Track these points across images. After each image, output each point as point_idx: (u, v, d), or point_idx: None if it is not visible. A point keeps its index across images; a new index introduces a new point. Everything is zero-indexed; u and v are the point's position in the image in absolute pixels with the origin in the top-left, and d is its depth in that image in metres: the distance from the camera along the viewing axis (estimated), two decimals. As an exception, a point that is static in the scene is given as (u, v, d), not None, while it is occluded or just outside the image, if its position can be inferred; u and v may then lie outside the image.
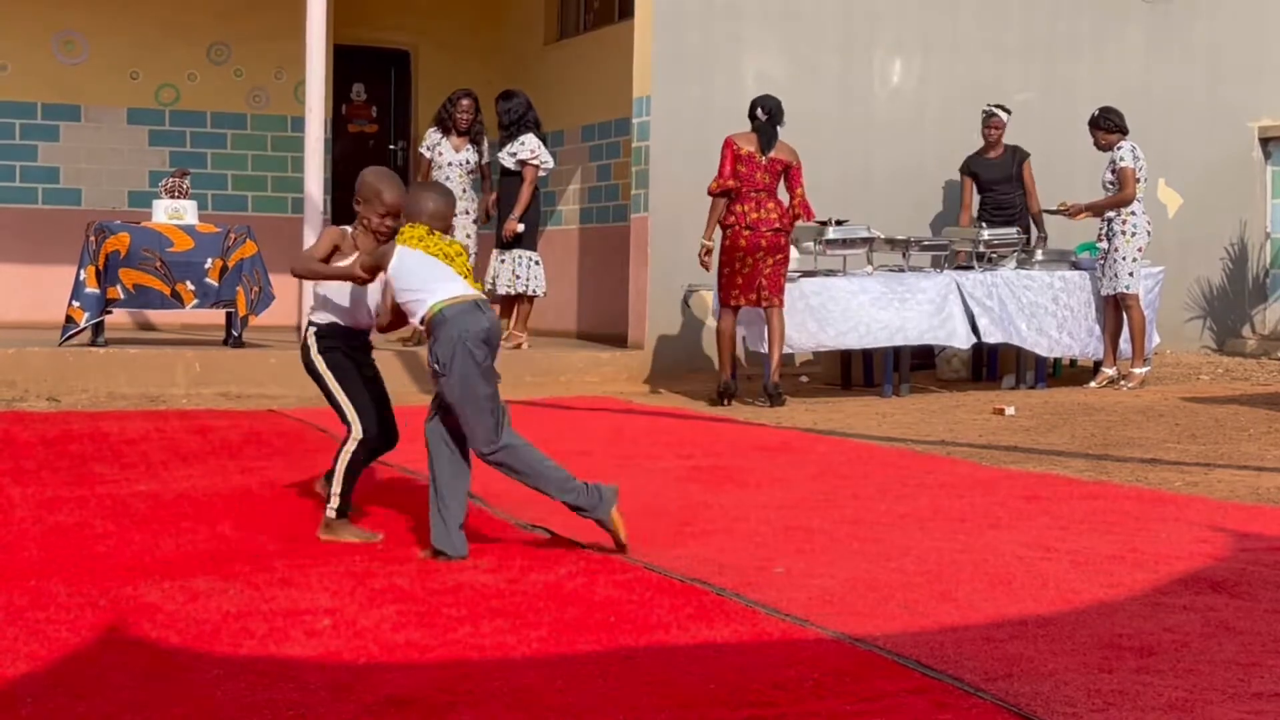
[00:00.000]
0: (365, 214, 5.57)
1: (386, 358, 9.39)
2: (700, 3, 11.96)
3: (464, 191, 11.72)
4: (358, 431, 5.54)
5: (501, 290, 11.70)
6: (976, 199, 12.07)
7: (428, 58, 15.40)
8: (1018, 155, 12.00)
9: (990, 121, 11.92)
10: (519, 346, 11.71)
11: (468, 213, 11.75)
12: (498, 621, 4.29)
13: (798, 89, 12.21)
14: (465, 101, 11.73)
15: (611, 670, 3.80)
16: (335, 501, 5.54)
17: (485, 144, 11.93)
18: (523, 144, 11.64)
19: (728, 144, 10.11)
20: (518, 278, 11.66)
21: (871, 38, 12.49)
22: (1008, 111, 11.96)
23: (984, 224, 11.62)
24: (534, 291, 11.77)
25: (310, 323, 5.70)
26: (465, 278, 5.31)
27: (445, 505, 5.23)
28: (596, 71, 13.52)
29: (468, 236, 11.73)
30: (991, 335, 10.76)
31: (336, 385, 5.59)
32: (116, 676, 3.74)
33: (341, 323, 5.63)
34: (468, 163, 11.74)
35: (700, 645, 4.04)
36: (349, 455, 5.54)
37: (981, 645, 4.02)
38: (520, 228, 11.60)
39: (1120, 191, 10.86)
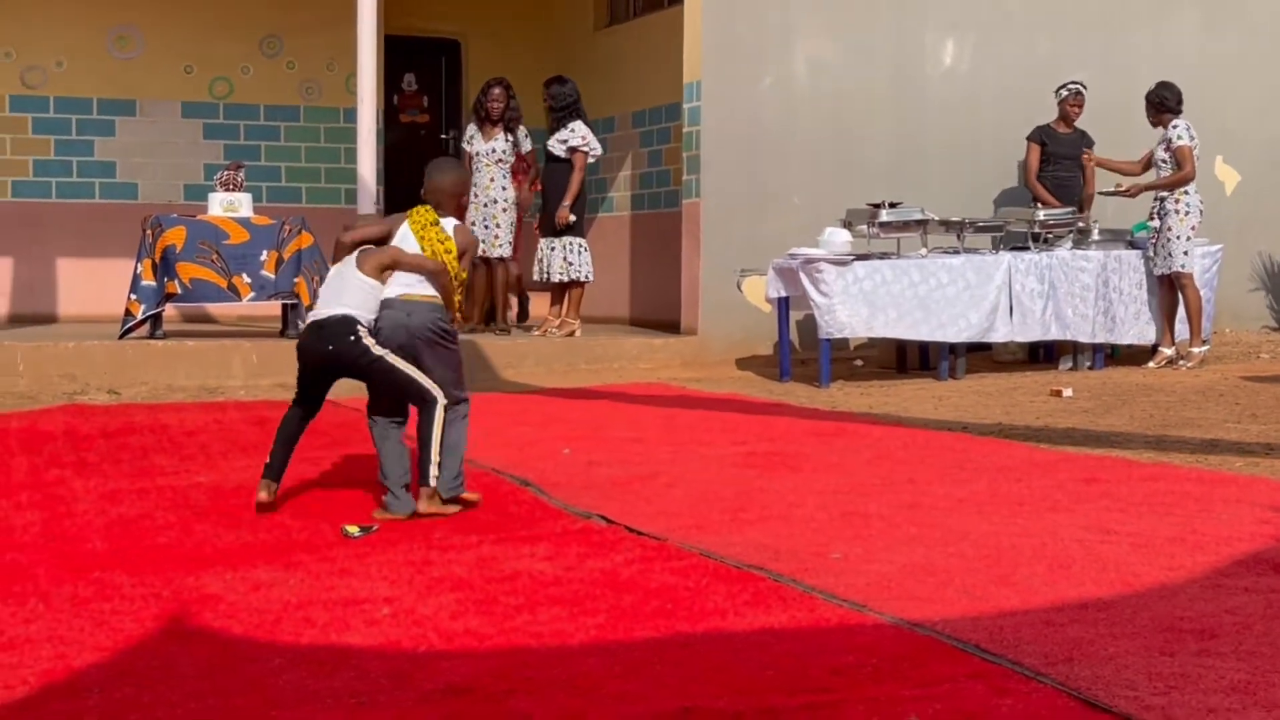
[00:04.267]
0: None
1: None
2: (750, -14, 11.93)
3: (491, 180, 11.74)
4: (442, 398, 5.81)
5: (555, 277, 11.72)
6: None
7: (478, 46, 15.42)
8: (1085, 139, 11.92)
9: (1074, 99, 11.80)
10: (572, 334, 11.73)
11: (496, 202, 11.75)
12: (555, 609, 4.30)
13: (849, 71, 12.16)
14: (496, 90, 11.78)
15: (668, 657, 3.81)
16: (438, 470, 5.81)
17: (521, 132, 11.93)
18: (573, 131, 11.64)
19: None
20: (569, 264, 11.68)
21: (923, 18, 12.41)
22: (1085, 88, 11.85)
23: (1036, 205, 11.54)
24: (586, 278, 11.79)
25: (359, 321, 5.86)
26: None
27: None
28: (647, 57, 13.50)
29: (498, 225, 11.74)
30: (1024, 333, 10.74)
31: (407, 366, 5.86)
32: (180, 666, 3.79)
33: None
34: (494, 151, 11.76)
35: (757, 631, 4.04)
36: (441, 421, 5.78)
37: (1041, 629, 4.00)
38: (572, 217, 11.60)
39: (1180, 170, 10.76)
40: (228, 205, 11.06)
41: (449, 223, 6.09)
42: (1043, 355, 11.63)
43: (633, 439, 7.86)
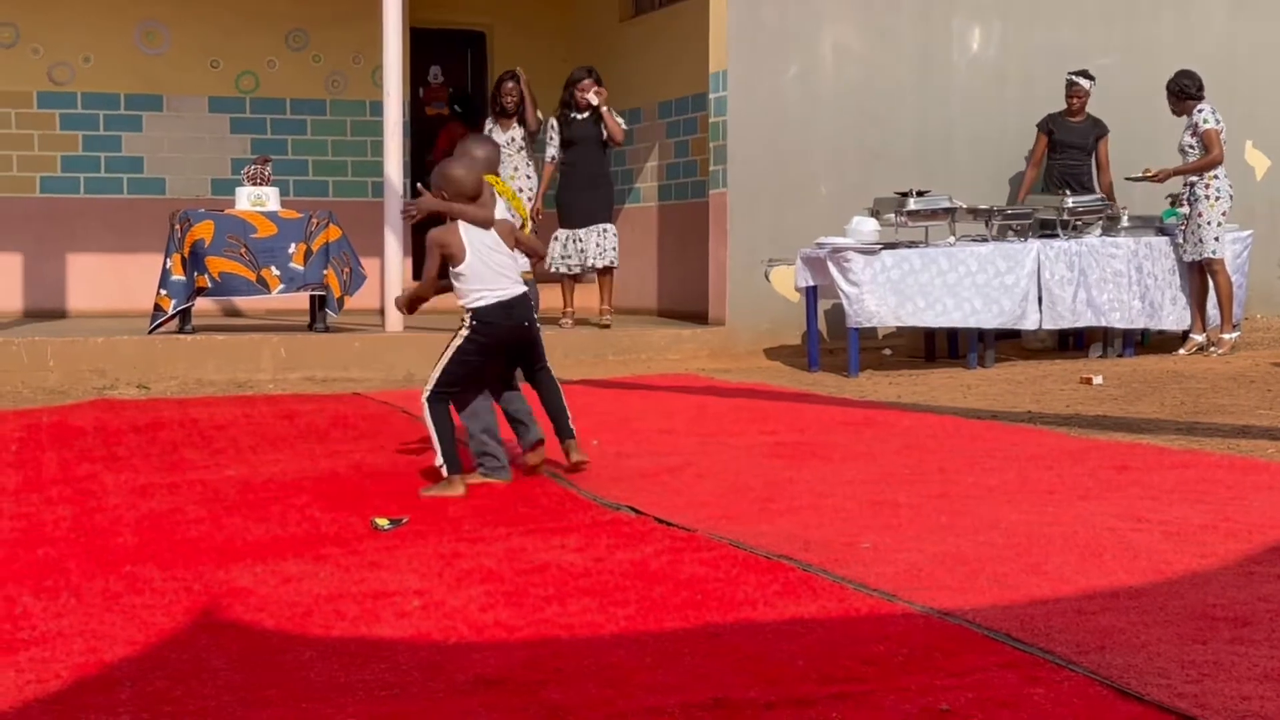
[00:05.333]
0: None
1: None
2: (775, -25, 11.89)
3: (515, 170, 11.81)
4: None
5: (603, 262, 11.82)
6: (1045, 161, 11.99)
7: (503, 38, 15.43)
8: (1098, 128, 11.87)
9: (1071, 90, 11.79)
10: (608, 326, 11.74)
11: (522, 191, 11.83)
12: (585, 600, 4.31)
13: (875, 59, 12.13)
14: (509, 84, 11.88)
15: (699, 647, 3.81)
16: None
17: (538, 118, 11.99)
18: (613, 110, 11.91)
19: None
20: (614, 250, 11.86)
21: (949, 5, 12.36)
22: (1090, 79, 11.80)
23: (1066, 190, 11.49)
24: (613, 262, 11.94)
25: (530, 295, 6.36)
26: None
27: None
28: (672, 47, 13.48)
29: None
30: (1056, 320, 10.69)
31: None
32: (212, 660, 3.80)
33: None
34: (513, 141, 11.85)
35: (788, 621, 4.04)
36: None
37: (1072, 618, 3.98)
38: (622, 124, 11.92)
39: (1207, 155, 10.69)
40: (255, 199, 11.09)
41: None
42: (1072, 343, 11.59)
43: (661, 430, 7.86)
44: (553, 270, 11.93)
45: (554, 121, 11.96)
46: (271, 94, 14.31)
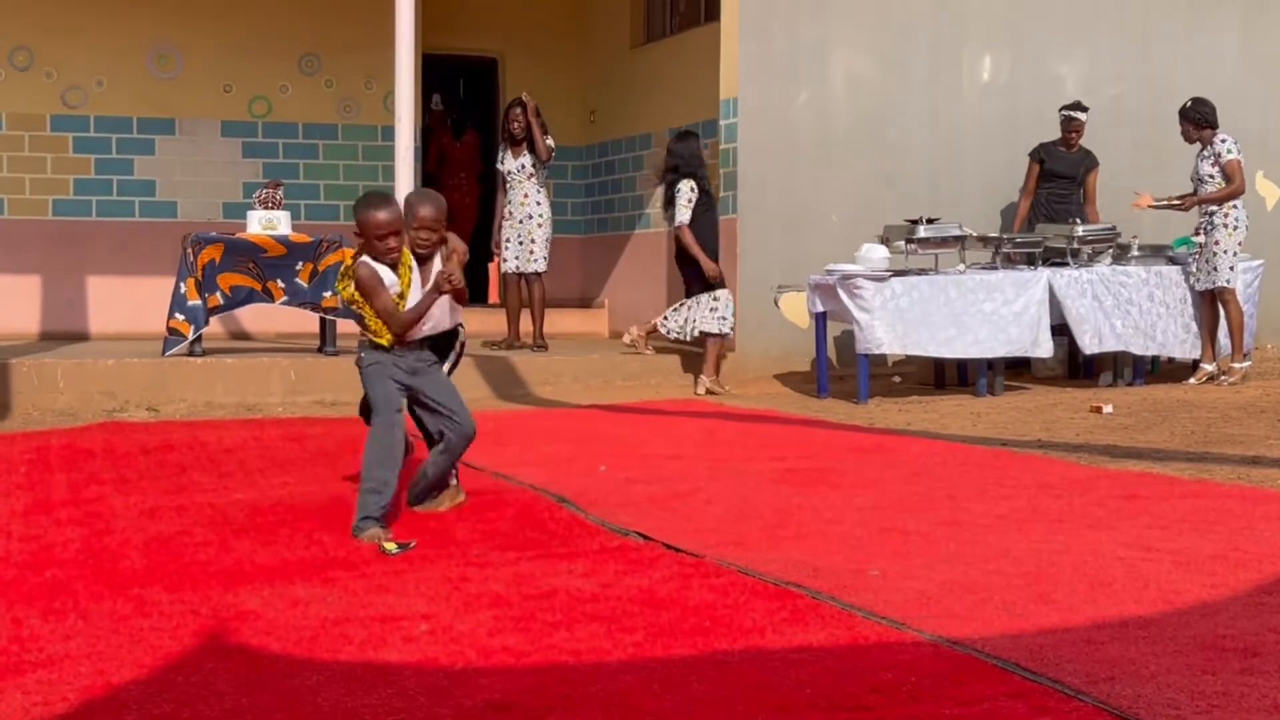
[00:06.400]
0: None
1: (468, 364, 9.58)
2: (787, 2, 11.91)
3: (525, 197, 11.83)
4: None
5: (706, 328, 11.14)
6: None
7: (515, 64, 15.48)
8: (1089, 160, 11.90)
9: (1070, 125, 11.81)
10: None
11: (531, 218, 11.82)
12: (593, 626, 4.30)
13: (886, 87, 12.15)
14: (515, 110, 11.98)
15: (706, 674, 3.80)
16: None
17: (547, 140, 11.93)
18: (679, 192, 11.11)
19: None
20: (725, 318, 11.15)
21: (960, 32, 12.38)
22: (1085, 110, 11.83)
23: (1076, 220, 11.49)
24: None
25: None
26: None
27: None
28: (683, 74, 13.52)
29: (533, 241, 11.79)
30: (1087, 346, 10.68)
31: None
32: (219, 683, 3.79)
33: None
34: (524, 168, 11.90)
35: (795, 649, 4.03)
36: None
37: (1082, 647, 3.97)
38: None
39: (1231, 184, 10.70)
40: (266, 223, 11.12)
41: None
42: (1082, 371, 11.57)
43: (670, 455, 7.85)
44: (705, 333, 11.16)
45: (693, 185, 10.96)
46: (283, 118, 14.36)
